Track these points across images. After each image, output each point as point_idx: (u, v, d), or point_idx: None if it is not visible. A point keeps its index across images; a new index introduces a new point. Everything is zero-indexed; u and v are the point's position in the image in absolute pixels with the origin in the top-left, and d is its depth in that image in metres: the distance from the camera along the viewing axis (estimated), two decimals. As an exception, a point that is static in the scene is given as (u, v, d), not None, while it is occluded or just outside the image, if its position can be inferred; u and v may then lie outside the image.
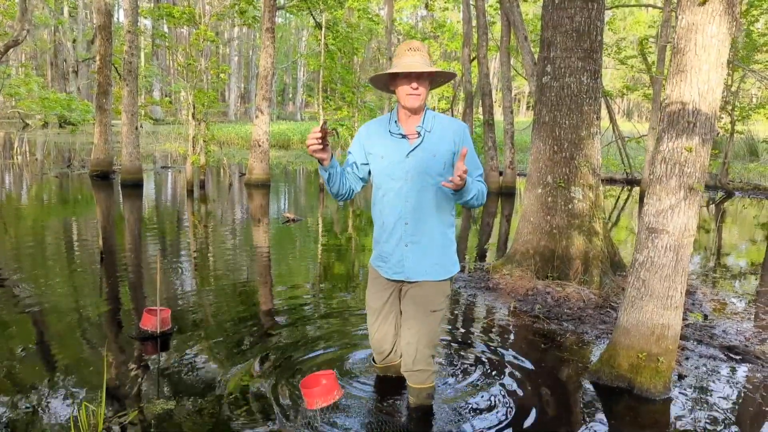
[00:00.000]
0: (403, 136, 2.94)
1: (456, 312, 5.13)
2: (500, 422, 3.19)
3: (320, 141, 2.67)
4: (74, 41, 34.79)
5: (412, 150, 2.90)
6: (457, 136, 2.92)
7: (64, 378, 3.49)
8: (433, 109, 3.06)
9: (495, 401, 3.43)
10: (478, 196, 2.85)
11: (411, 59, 2.83)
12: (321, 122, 2.76)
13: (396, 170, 2.91)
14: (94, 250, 6.65)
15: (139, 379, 3.50)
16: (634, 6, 25.01)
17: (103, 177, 13.00)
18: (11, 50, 14.87)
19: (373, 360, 3.48)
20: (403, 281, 3.07)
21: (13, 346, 3.94)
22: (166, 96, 36.69)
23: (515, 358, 4.17)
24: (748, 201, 14.21)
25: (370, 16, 18.97)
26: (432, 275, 3.00)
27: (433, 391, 3.20)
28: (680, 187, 3.42)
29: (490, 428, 3.12)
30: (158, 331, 4.14)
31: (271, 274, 6.27)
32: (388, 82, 2.97)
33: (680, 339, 3.95)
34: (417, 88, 2.83)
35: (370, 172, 3.06)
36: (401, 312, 3.15)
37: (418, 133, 2.91)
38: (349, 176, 3.03)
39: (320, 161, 2.80)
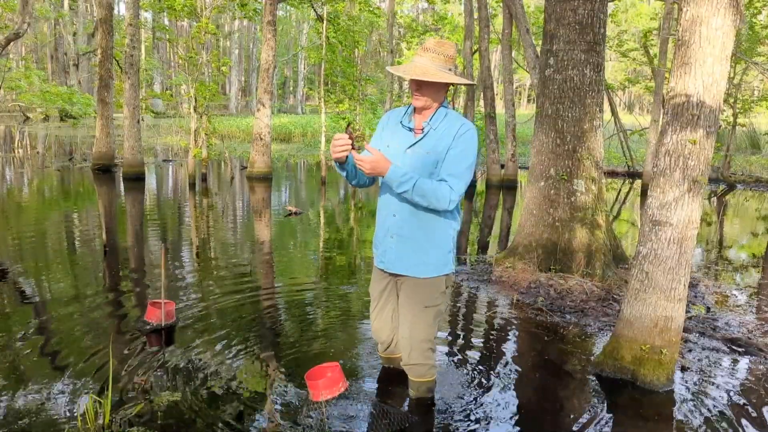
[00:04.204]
0: (411, 130, 2.96)
1: (459, 305, 5.15)
2: (503, 415, 3.21)
3: (348, 148, 2.73)
4: (75, 34, 34.69)
5: (412, 145, 2.91)
6: (456, 136, 2.84)
7: (70, 371, 3.51)
8: (449, 106, 3.00)
9: (497, 394, 3.45)
10: (425, 195, 2.73)
11: (420, 60, 2.83)
12: (346, 128, 2.76)
13: (395, 161, 2.91)
14: (97, 244, 6.66)
15: (145, 372, 3.51)
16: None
17: (105, 170, 12.99)
18: (12, 43, 14.82)
19: (378, 349, 3.50)
20: (383, 270, 3.09)
21: (18, 339, 3.96)
22: (167, 89, 36.59)
23: (518, 350, 4.19)
24: (749, 193, 14.20)
25: (372, 9, 18.88)
26: (413, 271, 2.98)
27: (433, 384, 3.22)
28: (684, 179, 3.42)
29: (491, 421, 3.14)
30: (163, 324, 4.16)
31: (275, 266, 6.28)
32: None
33: (683, 331, 3.96)
34: (417, 91, 2.85)
35: None
36: (399, 306, 3.17)
37: (423, 129, 2.92)
38: None
39: (339, 162, 2.86)
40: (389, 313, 3.22)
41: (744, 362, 4.05)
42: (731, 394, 3.56)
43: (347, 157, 2.82)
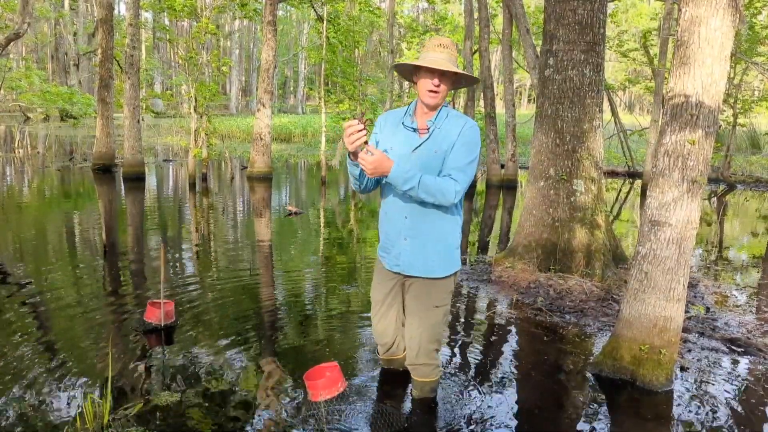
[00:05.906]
0: (414, 130, 2.91)
1: (458, 304, 5.15)
2: (502, 415, 3.21)
3: (363, 135, 2.64)
4: (75, 34, 34.73)
5: (419, 146, 2.88)
6: (461, 132, 2.84)
7: (70, 371, 3.51)
8: (449, 105, 2.98)
9: (497, 394, 3.45)
10: (430, 190, 2.72)
11: (438, 55, 2.78)
12: (357, 116, 2.71)
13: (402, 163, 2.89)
14: (97, 244, 6.67)
15: (144, 372, 3.52)
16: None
17: (105, 170, 13.00)
18: (12, 43, 14.83)
19: (377, 351, 3.49)
20: (399, 273, 3.06)
21: (17, 339, 3.96)
22: (167, 89, 36.59)
23: (517, 350, 4.19)
24: (749, 194, 14.20)
25: (372, 9, 18.88)
26: (427, 272, 2.97)
27: (436, 384, 3.23)
28: (683, 180, 3.42)
29: (491, 420, 3.14)
30: (162, 324, 4.16)
31: (275, 266, 6.28)
32: (413, 72, 2.92)
33: (682, 331, 3.96)
34: (438, 86, 2.79)
35: None
36: (405, 307, 3.16)
37: (428, 129, 2.89)
38: None
39: (353, 156, 2.77)
40: (394, 315, 3.21)
41: (743, 362, 4.05)
42: (730, 394, 3.57)
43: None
